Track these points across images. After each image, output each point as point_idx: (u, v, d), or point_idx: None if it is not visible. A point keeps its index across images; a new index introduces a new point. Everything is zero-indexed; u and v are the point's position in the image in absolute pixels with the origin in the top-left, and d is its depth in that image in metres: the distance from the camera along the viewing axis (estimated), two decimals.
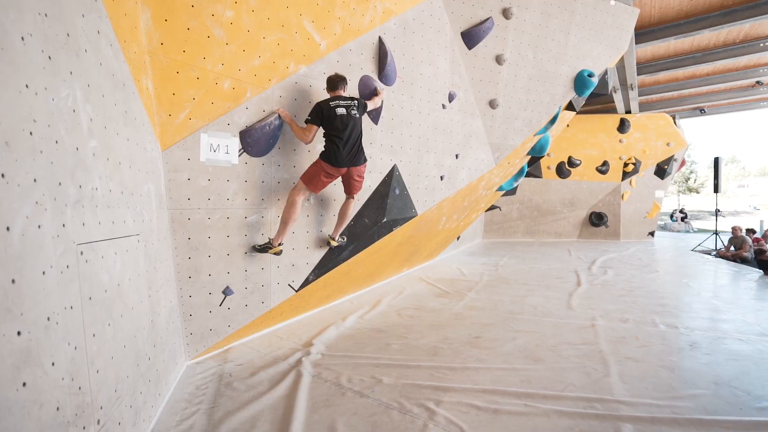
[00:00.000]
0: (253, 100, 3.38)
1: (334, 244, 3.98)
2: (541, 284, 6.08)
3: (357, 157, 3.69)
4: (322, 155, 3.62)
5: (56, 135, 1.53)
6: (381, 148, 4.46)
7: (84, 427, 1.57)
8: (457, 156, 5.48)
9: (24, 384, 1.24)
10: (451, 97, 5.24)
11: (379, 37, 4.30)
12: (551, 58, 6.00)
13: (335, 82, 3.71)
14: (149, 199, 2.60)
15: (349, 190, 3.83)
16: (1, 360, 1.15)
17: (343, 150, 3.61)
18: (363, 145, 3.76)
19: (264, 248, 3.46)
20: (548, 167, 12.29)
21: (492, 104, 5.74)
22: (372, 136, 4.34)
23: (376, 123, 4.37)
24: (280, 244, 3.51)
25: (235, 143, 3.32)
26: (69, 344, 1.50)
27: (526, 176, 12.11)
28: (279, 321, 4.04)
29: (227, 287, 3.35)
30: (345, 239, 4.12)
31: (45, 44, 1.50)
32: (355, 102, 3.72)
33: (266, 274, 3.58)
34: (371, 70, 4.28)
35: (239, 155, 3.34)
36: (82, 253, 1.65)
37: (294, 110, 3.67)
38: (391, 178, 4.51)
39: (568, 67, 6.17)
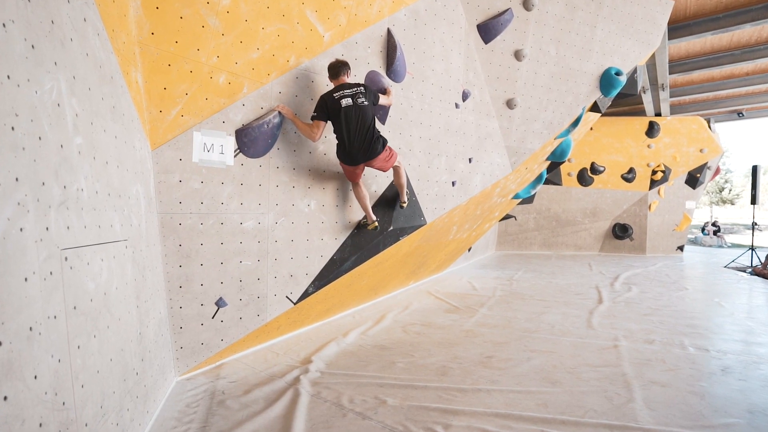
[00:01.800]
0: (250, 96, 3.41)
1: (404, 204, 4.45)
2: (559, 301, 6.05)
3: (370, 149, 3.71)
4: (337, 151, 3.76)
5: (39, 131, 1.55)
6: None
7: None
8: (470, 160, 5.49)
9: (5, 398, 1.25)
10: (465, 96, 5.27)
11: (388, 29, 4.33)
12: (575, 54, 6.02)
13: (337, 68, 3.72)
14: (138, 201, 2.62)
15: (384, 170, 4.03)
16: None
17: (352, 146, 3.64)
18: (377, 134, 3.77)
19: (364, 224, 4.24)
20: (569, 174, 12.26)
21: (509, 104, 5.75)
22: None
23: (384, 122, 4.40)
24: (374, 221, 4.15)
25: (231, 143, 3.35)
26: (52, 356, 1.52)
27: (544, 183, 12.11)
28: (276, 336, 4.04)
29: (220, 298, 3.36)
30: (405, 204, 4.49)
31: (28, 32, 1.53)
32: (362, 89, 3.72)
33: (262, 284, 3.59)
34: (379, 66, 4.32)
35: (235, 156, 3.37)
36: (66, 258, 1.67)
37: (295, 107, 3.70)
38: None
39: (593, 65, 6.19)
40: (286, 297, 3.76)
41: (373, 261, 4.47)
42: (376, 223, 4.16)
